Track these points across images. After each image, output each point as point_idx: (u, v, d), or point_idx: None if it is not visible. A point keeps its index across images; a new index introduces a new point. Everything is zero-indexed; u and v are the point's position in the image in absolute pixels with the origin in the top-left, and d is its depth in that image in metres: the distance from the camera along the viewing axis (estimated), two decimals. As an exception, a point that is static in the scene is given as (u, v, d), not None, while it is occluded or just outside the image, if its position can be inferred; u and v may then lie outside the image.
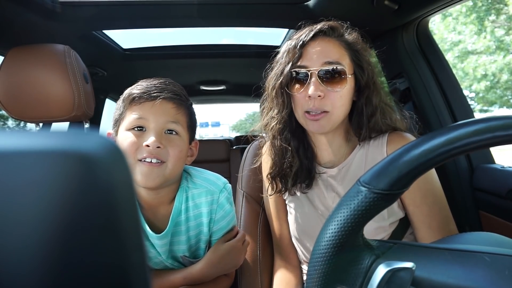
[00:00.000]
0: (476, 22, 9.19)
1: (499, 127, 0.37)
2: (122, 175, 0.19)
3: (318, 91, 0.78)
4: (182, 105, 0.81)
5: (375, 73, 0.85)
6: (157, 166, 0.76)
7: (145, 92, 0.78)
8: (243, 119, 38.96)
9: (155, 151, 0.75)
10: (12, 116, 0.98)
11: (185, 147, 0.83)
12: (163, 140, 0.77)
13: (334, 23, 0.84)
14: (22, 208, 0.16)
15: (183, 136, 0.82)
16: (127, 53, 1.88)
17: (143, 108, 0.78)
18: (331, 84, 0.80)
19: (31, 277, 0.16)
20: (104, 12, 1.26)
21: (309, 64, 0.81)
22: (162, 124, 0.78)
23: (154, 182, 0.77)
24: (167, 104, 0.79)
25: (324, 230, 0.41)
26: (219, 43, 2.09)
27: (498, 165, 1.14)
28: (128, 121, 0.78)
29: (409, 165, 0.39)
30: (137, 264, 0.19)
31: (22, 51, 0.96)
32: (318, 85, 0.79)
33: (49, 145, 0.17)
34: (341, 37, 0.84)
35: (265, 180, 1.02)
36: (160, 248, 0.86)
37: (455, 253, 0.40)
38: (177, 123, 0.80)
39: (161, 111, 0.78)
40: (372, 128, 0.85)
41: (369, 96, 0.84)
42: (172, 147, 0.78)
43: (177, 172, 0.82)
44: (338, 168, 0.90)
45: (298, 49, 0.82)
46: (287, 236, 0.99)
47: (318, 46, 0.81)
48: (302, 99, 0.82)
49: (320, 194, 0.92)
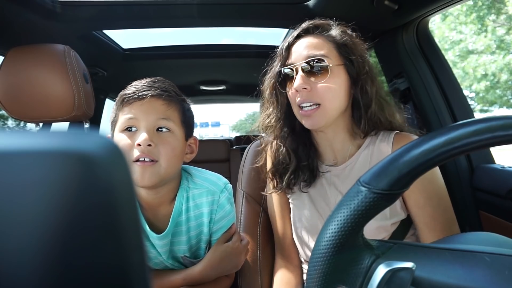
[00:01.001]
0: (477, 22, 9.19)
1: (499, 127, 0.37)
2: (122, 175, 0.19)
3: (303, 84, 0.82)
4: (172, 101, 0.80)
5: (367, 64, 0.86)
6: (150, 165, 0.75)
7: (134, 92, 0.77)
8: (243, 119, 38.98)
9: (147, 150, 0.75)
10: (12, 116, 0.98)
11: (179, 144, 0.81)
12: (154, 138, 0.76)
13: (319, 21, 0.88)
14: (22, 208, 0.16)
15: (177, 133, 0.80)
16: (127, 53, 1.88)
17: (133, 108, 0.77)
18: (315, 76, 0.83)
19: (31, 277, 0.16)
20: (104, 12, 1.26)
21: (295, 61, 0.85)
22: (152, 122, 0.77)
23: (149, 182, 0.76)
24: (156, 101, 0.78)
25: (324, 230, 0.41)
26: (219, 43, 2.09)
27: (498, 165, 1.14)
28: (120, 122, 0.78)
29: (409, 165, 0.39)
30: (137, 264, 0.19)
31: (22, 51, 0.96)
32: (303, 79, 0.82)
33: (49, 145, 0.17)
34: (326, 32, 0.87)
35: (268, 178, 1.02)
36: (161, 248, 0.86)
37: (455, 253, 0.40)
38: (168, 119, 0.79)
39: (150, 109, 0.77)
40: (370, 119, 0.86)
41: (363, 86, 0.85)
42: (164, 144, 0.77)
43: (173, 170, 0.81)
44: (342, 167, 0.90)
45: (285, 50, 0.87)
46: (290, 235, 0.99)
47: (302, 43, 0.86)
48: (293, 95, 0.86)
49: (323, 192, 0.92)
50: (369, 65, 0.87)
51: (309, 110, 0.83)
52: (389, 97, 0.93)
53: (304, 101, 0.83)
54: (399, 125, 0.90)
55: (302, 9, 1.27)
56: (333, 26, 0.88)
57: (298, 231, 0.95)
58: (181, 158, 0.83)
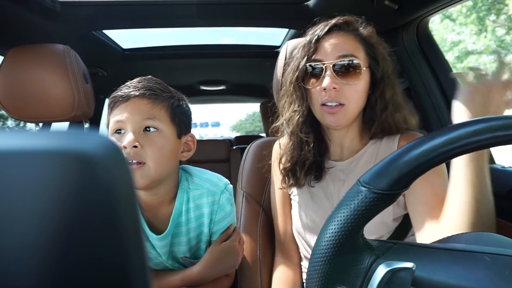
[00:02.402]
0: (476, 22, 9.19)
1: (499, 127, 0.37)
2: (122, 174, 0.19)
3: (333, 84, 0.79)
4: (157, 99, 0.78)
5: (390, 67, 0.85)
6: (137, 168, 0.74)
7: (120, 94, 0.77)
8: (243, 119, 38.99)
9: (133, 151, 0.73)
10: (12, 116, 0.98)
11: (168, 143, 0.79)
12: (140, 139, 0.74)
13: (349, 18, 0.85)
14: (22, 208, 0.16)
15: (165, 131, 0.78)
16: (127, 53, 1.88)
17: (120, 110, 0.76)
18: (345, 77, 0.80)
19: (30, 276, 0.16)
20: (104, 12, 1.26)
21: (324, 58, 0.82)
22: (137, 122, 0.75)
23: (139, 184, 0.74)
24: (140, 101, 0.77)
25: (324, 230, 0.41)
26: (219, 43, 2.09)
27: (498, 165, 1.14)
28: (110, 126, 0.78)
29: (409, 165, 0.39)
30: (137, 264, 0.19)
31: (22, 51, 0.96)
32: (333, 78, 0.80)
33: (49, 145, 0.17)
34: (355, 31, 0.85)
35: (274, 174, 1.02)
36: (161, 249, 0.86)
37: (455, 253, 0.40)
38: (153, 119, 0.77)
39: (135, 109, 0.76)
40: (383, 122, 0.85)
41: (383, 90, 0.84)
42: (150, 145, 0.75)
43: (164, 170, 0.79)
44: (349, 161, 0.90)
45: (313, 44, 0.83)
46: (290, 232, 0.99)
47: (333, 40, 0.82)
48: (317, 93, 0.83)
49: (325, 188, 0.92)
50: (392, 69, 0.86)
51: (334, 108, 0.81)
52: (404, 102, 0.91)
53: (331, 100, 0.81)
54: (409, 128, 0.89)
55: (302, 9, 1.27)
56: (360, 24, 0.86)
57: (298, 226, 0.95)
58: (172, 157, 0.81)
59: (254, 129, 30.23)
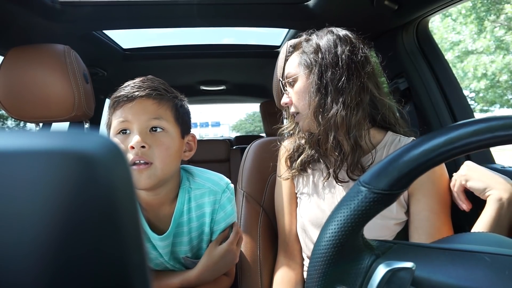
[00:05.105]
0: (476, 23, 9.19)
1: (499, 127, 0.37)
2: (122, 174, 0.19)
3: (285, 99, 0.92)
4: (163, 99, 0.79)
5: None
6: (145, 168, 0.74)
7: (124, 95, 0.76)
8: (243, 119, 39.01)
9: (141, 152, 0.73)
10: (12, 116, 0.98)
11: (174, 143, 0.80)
12: (147, 139, 0.75)
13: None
14: (22, 208, 0.16)
15: (171, 131, 0.79)
16: (127, 53, 1.88)
17: (124, 110, 0.76)
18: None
19: (29, 274, 0.16)
20: (104, 12, 1.26)
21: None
22: (144, 122, 0.76)
23: (146, 184, 0.75)
24: (146, 101, 0.77)
25: (324, 230, 0.41)
26: (220, 43, 2.09)
27: (498, 165, 1.14)
28: (114, 126, 0.78)
29: (409, 165, 0.39)
30: (137, 263, 0.19)
31: (22, 51, 0.96)
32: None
33: (49, 145, 0.17)
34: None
35: (281, 170, 1.02)
36: (163, 249, 0.86)
37: (455, 253, 0.40)
38: (160, 119, 0.77)
39: (141, 110, 0.76)
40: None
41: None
42: (158, 145, 0.76)
43: (170, 170, 0.79)
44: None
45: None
46: (294, 231, 1.00)
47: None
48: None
49: (330, 185, 0.93)
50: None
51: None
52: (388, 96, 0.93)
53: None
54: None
55: (302, 9, 1.27)
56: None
57: (303, 223, 0.95)
58: (177, 157, 0.82)
59: (254, 129, 30.27)
